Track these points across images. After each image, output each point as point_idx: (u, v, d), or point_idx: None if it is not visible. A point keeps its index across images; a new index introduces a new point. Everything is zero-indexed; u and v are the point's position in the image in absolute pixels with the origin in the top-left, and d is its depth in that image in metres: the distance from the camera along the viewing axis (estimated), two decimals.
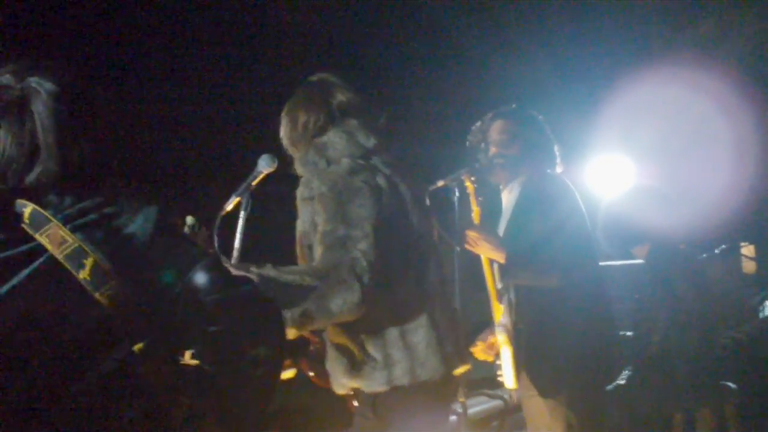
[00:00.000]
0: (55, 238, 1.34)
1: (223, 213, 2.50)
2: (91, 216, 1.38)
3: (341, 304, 2.14)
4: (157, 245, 1.40)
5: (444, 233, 2.65)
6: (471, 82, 6.21)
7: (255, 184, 2.52)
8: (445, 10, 6.07)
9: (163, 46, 5.18)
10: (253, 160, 2.53)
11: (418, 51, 6.20)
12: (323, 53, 5.52)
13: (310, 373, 2.49)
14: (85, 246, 1.34)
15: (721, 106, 5.83)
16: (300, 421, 4.41)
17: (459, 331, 2.43)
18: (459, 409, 2.97)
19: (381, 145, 2.40)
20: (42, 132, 1.40)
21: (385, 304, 2.26)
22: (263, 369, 1.45)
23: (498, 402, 4.37)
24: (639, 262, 3.81)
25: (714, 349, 3.70)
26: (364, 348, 2.28)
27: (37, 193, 1.39)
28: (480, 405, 4.34)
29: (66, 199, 1.39)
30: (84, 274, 1.33)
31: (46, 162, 1.39)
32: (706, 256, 4.56)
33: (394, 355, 2.25)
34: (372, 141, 2.37)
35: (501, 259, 2.98)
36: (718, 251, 4.69)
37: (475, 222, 3.03)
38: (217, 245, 2.39)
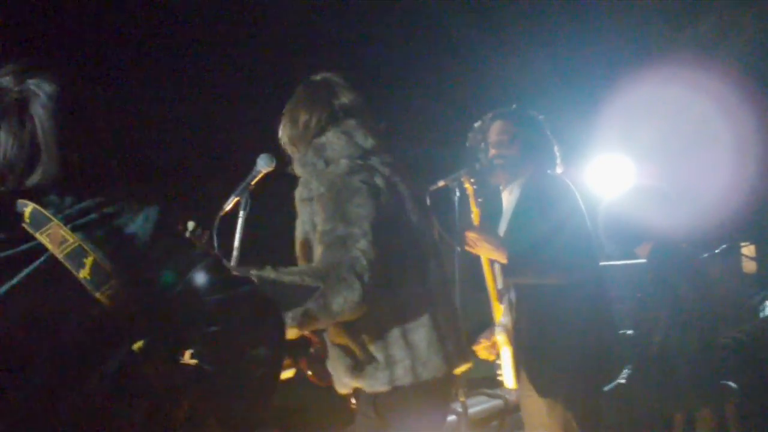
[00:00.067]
0: (55, 237, 1.34)
1: (222, 213, 2.50)
2: (91, 216, 1.38)
3: (342, 303, 2.14)
4: (158, 245, 1.40)
5: (444, 233, 2.65)
6: (471, 82, 6.21)
7: (254, 183, 2.52)
8: (445, 10, 6.07)
9: (163, 46, 5.18)
10: (252, 159, 2.53)
11: (418, 51, 6.20)
12: (323, 53, 5.52)
13: (309, 373, 2.49)
14: (85, 245, 1.34)
15: (721, 106, 5.82)
16: (300, 421, 4.41)
17: (460, 329, 2.43)
18: (459, 409, 2.97)
19: (380, 145, 2.40)
20: (42, 135, 1.40)
21: (386, 304, 2.26)
22: (263, 369, 1.45)
23: (498, 402, 4.37)
24: (640, 261, 3.80)
25: (714, 348, 3.70)
26: (366, 348, 2.28)
27: (37, 193, 1.39)
28: (480, 405, 4.33)
29: (66, 198, 1.40)
30: (84, 274, 1.33)
31: (47, 164, 1.39)
32: (706, 255, 4.56)
33: (395, 355, 2.25)
34: (370, 141, 2.38)
35: (502, 258, 2.98)
36: (718, 251, 4.69)
37: (474, 223, 3.03)
38: (216, 245, 2.39)
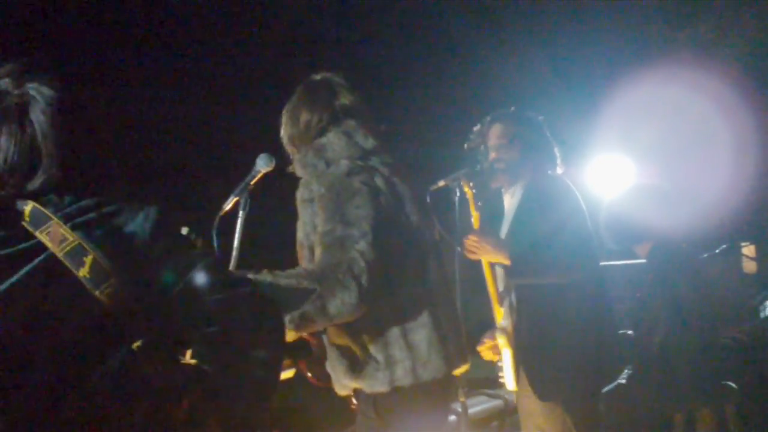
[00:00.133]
0: (55, 236, 1.34)
1: (221, 213, 2.50)
2: (91, 214, 1.38)
3: (339, 305, 2.14)
4: (157, 244, 1.40)
5: (445, 233, 2.65)
6: (471, 82, 6.21)
7: (253, 183, 2.52)
8: (444, 10, 6.07)
9: (163, 46, 5.17)
10: (251, 159, 2.53)
11: (418, 51, 6.20)
12: (323, 53, 5.52)
13: (309, 375, 2.48)
14: (85, 244, 1.34)
15: (720, 106, 5.83)
16: (300, 421, 4.41)
17: (461, 330, 2.43)
18: (459, 409, 2.97)
19: (380, 146, 2.40)
20: (42, 140, 1.40)
21: (386, 304, 2.26)
22: (263, 369, 1.45)
23: (498, 402, 4.37)
24: (640, 261, 3.80)
25: (714, 349, 3.69)
26: (366, 348, 2.28)
27: (37, 193, 1.38)
28: (480, 405, 4.34)
29: (66, 197, 1.39)
30: (84, 272, 1.33)
31: (48, 169, 1.39)
32: (707, 255, 4.56)
33: (395, 355, 2.25)
34: (371, 142, 2.37)
35: (504, 259, 2.97)
36: (718, 251, 4.69)
37: (474, 227, 3.02)
38: (216, 245, 2.39)
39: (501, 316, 3.06)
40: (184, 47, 5.27)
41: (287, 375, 2.53)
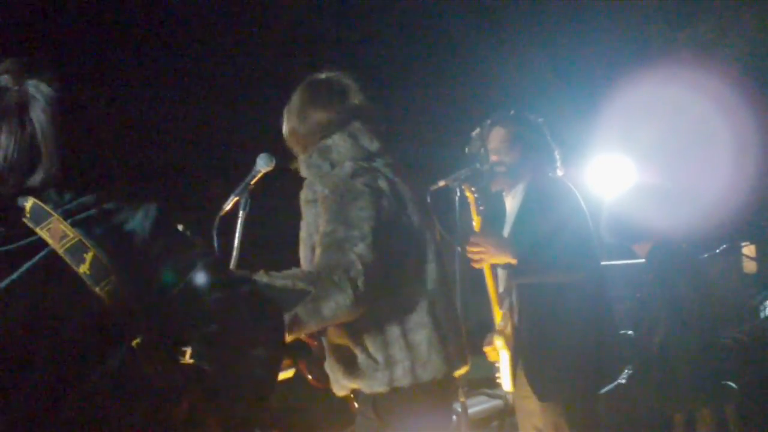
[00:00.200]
0: (55, 232, 1.34)
1: (222, 213, 2.49)
2: (91, 211, 1.38)
3: (334, 308, 2.14)
4: (157, 242, 1.40)
5: (445, 234, 2.65)
6: (471, 82, 6.21)
7: (253, 183, 2.51)
8: (444, 10, 6.07)
9: (163, 46, 5.17)
10: (251, 159, 2.53)
11: (418, 51, 6.20)
12: (323, 53, 5.52)
13: (308, 376, 2.48)
14: (85, 240, 1.34)
15: (721, 106, 5.82)
16: (300, 422, 4.40)
17: (461, 331, 2.42)
18: (459, 409, 2.97)
19: (383, 147, 2.40)
20: (42, 138, 1.39)
21: (386, 304, 2.26)
22: (262, 368, 1.45)
23: (498, 402, 4.37)
24: (640, 261, 3.80)
25: (714, 349, 3.69)
26: (365, 348, 2.28)
27: (38, 191, 1.38)
28: (480, 405, 4.33)
29: (66, 194, 1.39)
30: (84, 269, 1.33)
31: (48, 166, 1.39)
32: (707, 255, 4.56)
33: (395, 355, 2.25)
34: (375, 144, 2.38)
35: (509, 258, 2.96)
36: (719, 251, 4.69)
37: (476, 231, 3.02)
38: (216, 245, 2.39)
39: (500, 317, 3.06)
40: (184, 47, 5.27)
41: (287, 375, 2.52)
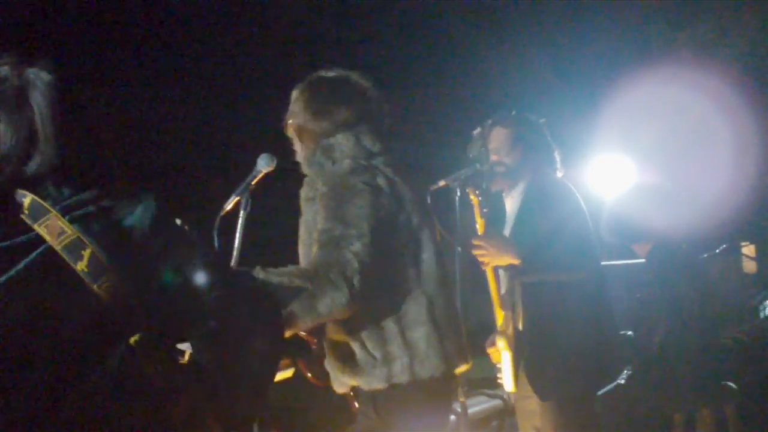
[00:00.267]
0: (53, 229, 1.33)
1: (222, 213, 2.49)
2: (89, 207, 1.37)
3: (329, 305, 2.15)
4: (156, 239, 1.39)
5: (445, 233, 2.65)
6: (471, 82, 6.21)
7: (254, 183, 2.51)
8: (444, 10, 6.07)
9: (163, 46, 5.18)
10: (252, 159, 2.53)
11: (418, 51, 6.20)
12: (323, 53, 5.52)
13: (308, 374, 2.48)
14: (83, 237, 1.33)
15: (721, 106, 5.83)
16: (300, 421, 4.40)
17: (461, 330, 2.42)
18: (459, 409, 2.97)
19: (385, 147, 2.40)
20: (41, 122, 1.38)
21: (384, 302, 2.27)
22: (261, 363, 1.45)
23: (498, 402, 4.36)
24: (640, 261, 3.80)
25: (714, 349, 3.69)
26: (363, 345, 2.28)
27: (35, 184, 1.38)
28: (480, 405, 4.33)
29: (64, 190, 1.39)
30: (82, 266, 1.32)
31: (45, 153, 1.38)
32: (707, 255, 4.56)
33: (393, 352, 2.25)
34: (378, 145, 2.38)
35: (513, 258, 2.96)
36: (719, 251, 4.69)
37: (479, 234, 3.02)
38: (217, 245, 2.39)
39: (502, 318, 3.06)
40: (184, 47, 5.27)
41: (287, 375, 2.53)
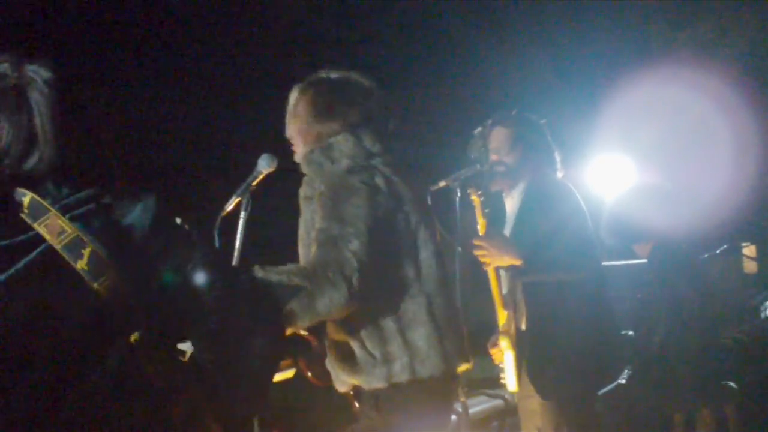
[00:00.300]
0: (53, 227, 1.33)
1: (223, 213, 2.50)
2: (89, 206, 1.37)
3: (328, 303, 2.16)
4: (156, 236, 1.39)
5: (445, 233, 2.65)
6: (471, 82, 6.21)
7: (255, 184, 2.52)
8: (444, 10, 6.07)
9: (163, 46, 5.18)
10: (251, 159, 2.53)
11: (418, 51, 6.20)
12: (323, 53, 5.52)
13: (309, 374, 2.49)
14: (83, 236, 1.33)
15: (721, 106, 5.82)
16: (301, 421, 4.40)
17: (461, 330, 2.43)
18: (459, 409, 2.97)
19: (385, 148, 2.40)
20: (39, 119, 1.38)
21: (384, 301, 2.27)
22: (261, 362, 1.45)
23: (498, 402, 4.37)
24: (641, 261, 3.80)
25: (715, 349, 3.69)
26: (363, 344, 2.29)
27: (35, 182, 1.37)
28: (480, 405, 4.33)
29: (64, 188, 1.38)
30: (82, 264, 1.31)
31: (44, 151, 1.38)
32: (707, 256, 4.55)
33: (393, 352, 2.26)
34: (378, 146, 2.38)
35: (514, 258, 2.95)
36: (719, 251, 4.69)
37: (481, 234, 3.02)
38: (217, 245, 2.39)
39: (504, 319, 3.06)
40: (184, 47, 5.27)
41: (287, 375, 2.53)
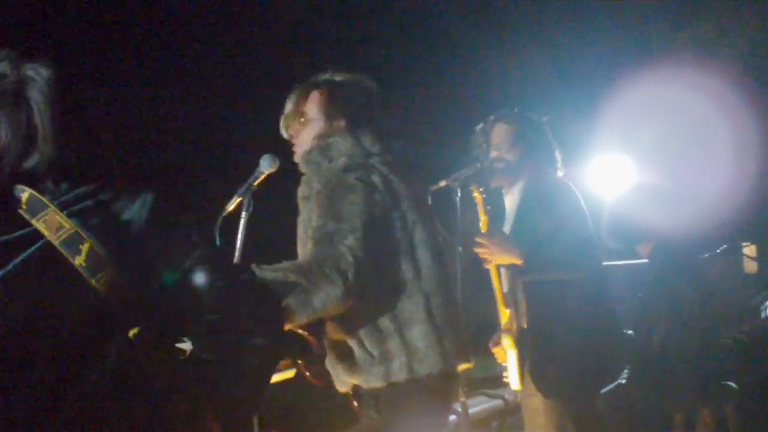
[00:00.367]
0: (51, 223, 1.33)
1: (224, 213, 2.50)
2: (87, 202, 1.37)
3: (324, 299, 2.15)
4: (154, 233, 1.39)
5: (446, 233, 2.65)
6: (471, 82, 6.21)
7: (257, 184, 2.52)
8: (444, 10, 6.07)
9: (163, 46, 5.18)
10: (251, 159, 2.53)
11: (418, 51, 6.20)
12: (323, 53, 5.52)
13: (308, 374, 2.48)
14: (81, 232, 1.33)
15: (721, 105, 5.83)
16: (301, 421, 4.40)
17: (461, 329, 2.42)
18: (459, 409, 2.97)
19: (384, 148, 2.41)
20: (39, 118, 1.38)
21: (381, 300, 2.27)
22: (260, 358, 1.44)
23: (498, 402, 4.37)
24: (641, 261, 3.80)
25: (715, 349, 3.69)
26: (361, 343, 2.29)
27: (33, 179, 1.37)
28: (480, 405, 4.33)
29: (62, 185, 1.38)
30: (80, 261, 1.31)
31: (44, 150, 1.38)
32: (707, 255, 4.55)
33: (391, 351, 2.26)
34: (377, 146, 2.39)
35: (515, 257, 2.96)
36: (719, 251, 4.68)
37: (482, 231, 3.02)
38: (218, 245, 2.38)
39: (506, 317, 3.06)
40: (184, 47, 5.27)
41: (287, 375, 2.53)
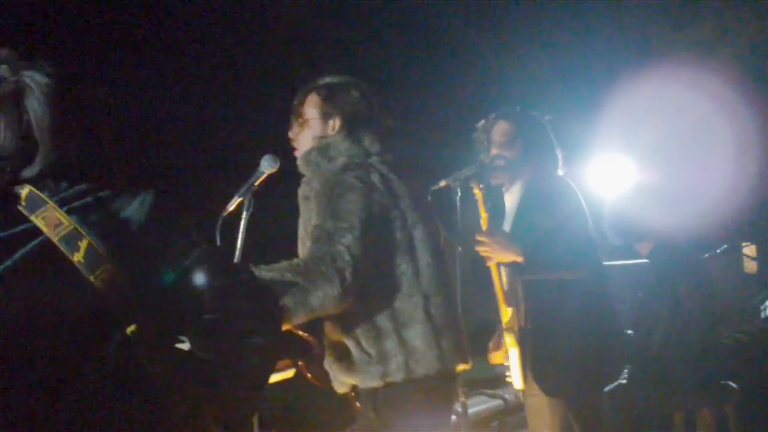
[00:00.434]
0: (50, 220, 1.32)
1: (225, 213, 2.50)
2: (86, 199, 1.37)
3: (321, 297, 2.16)
4: (153, 230, 1.39)
5: (446, 233, 2.65)
6: (471, 82, 6.21)
7: (257, 184, 2.52)
8: (444, 10, 6.07)
9: (163, 46, 5.17)
10: (251, 159, 2.53)
11: (418, 51, 6.20)
12: (323, 53, 5.52)
13: (308, 375, 2.49)
14: (80, 228, 1.33)
15: (721, 105, 5.83)
16: (300, 421, 4.40)
17: (460, 329, 2.42)
18: (459, 409, 2.97)
19: (384, 148, 2.41)
20: (38, 128, 1.38)
21: (379, 299, 2.27)
22: (259, 357, 1.44)
23: (498, 402, 4.37)
24: (642, 261, 3.81)
25: (715, 349, 3.70)
26: (359, 343, 2.29)
27: (33, 182, 1.37)
28: (480, 405, 4.33)
29: (62, 183, 1.38)
30: (79, 257, 1.31)
31: (44, 157, 1.38)
32: (708, 255, 4.56)
33: (388, 350, 2.26)
34: (377, 146, 2.39)
35: (516, 255, 2.95)
36: (719, 251, 4.69)
37: (483, 228, 3.02)
38: (218, 245, 2.39)
39: (507, 316, 3.05)
40: (184, 47, 5.27)
41: (287, 375, 2.53)
